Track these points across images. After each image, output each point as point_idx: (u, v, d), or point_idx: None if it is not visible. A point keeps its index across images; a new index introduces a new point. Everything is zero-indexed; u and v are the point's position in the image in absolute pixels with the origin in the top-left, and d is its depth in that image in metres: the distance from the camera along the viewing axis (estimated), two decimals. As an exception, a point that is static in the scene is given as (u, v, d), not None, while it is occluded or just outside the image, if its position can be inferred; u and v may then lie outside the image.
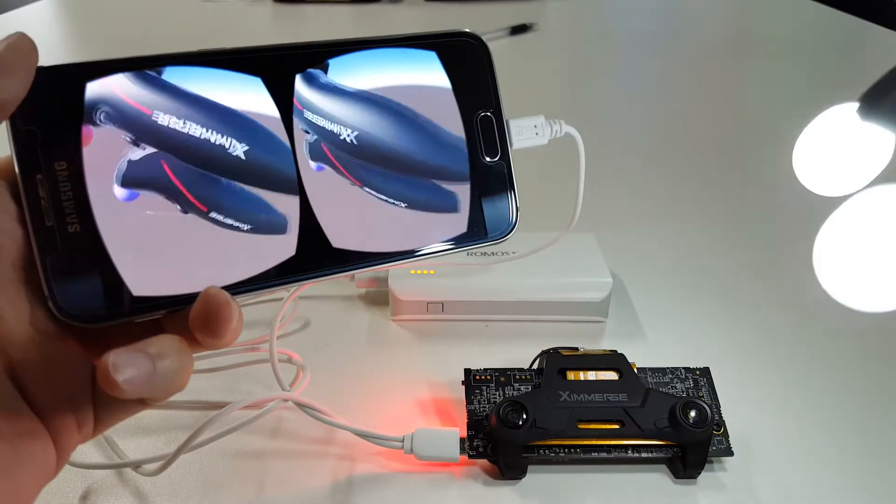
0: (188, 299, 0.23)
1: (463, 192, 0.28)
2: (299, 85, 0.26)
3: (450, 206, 0.28)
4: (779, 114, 0.79)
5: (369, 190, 0.27)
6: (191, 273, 0.24)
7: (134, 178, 0.24)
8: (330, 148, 0.27)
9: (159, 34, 1.06)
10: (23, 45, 0.22)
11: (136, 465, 0.33)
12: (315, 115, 0.26)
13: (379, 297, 0.45)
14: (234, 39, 1.02)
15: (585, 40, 1.06)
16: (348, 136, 0.27)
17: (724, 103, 0.80)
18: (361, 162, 0.27)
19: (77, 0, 1.24)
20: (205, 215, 0.25)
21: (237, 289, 0.25)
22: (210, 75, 0.25)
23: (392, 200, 0.27)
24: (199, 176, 0.25)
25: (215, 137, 0.25)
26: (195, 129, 0.25)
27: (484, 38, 0.29)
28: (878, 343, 0.42)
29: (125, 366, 0.20)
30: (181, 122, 0.25)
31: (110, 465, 0.34)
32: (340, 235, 0.26)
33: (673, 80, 0.89)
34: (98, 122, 0.24)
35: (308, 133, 0.26)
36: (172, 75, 0.25)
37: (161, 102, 0.24)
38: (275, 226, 0.25)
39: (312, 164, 0.26)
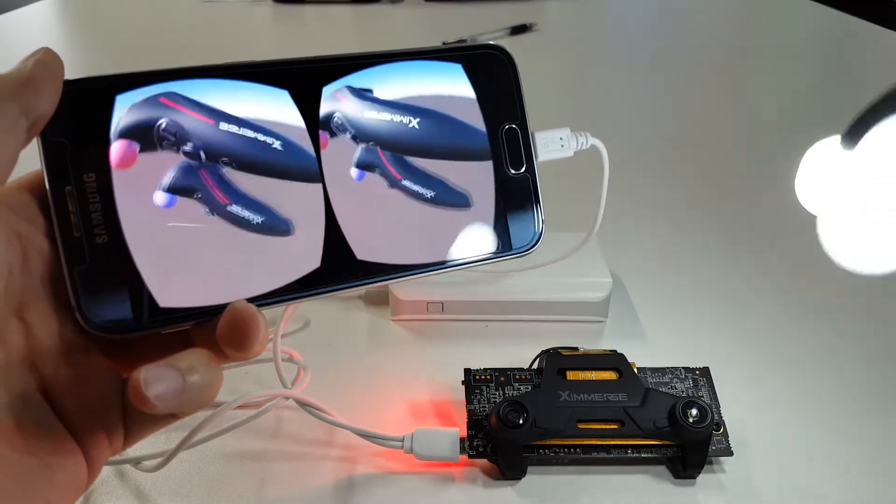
0: (215, 311, 0.23)
1: (487, 204, 0.28)
2: (325, 97, 0.26)
3: (474, 218, 0.28)
4: (779, 113, 0.79)
5: (394, 203, 0.27)
6: (217, 285, 0.24)
7: (162, 189, 0.24)
8: (355, 162, 0.27)
9: (159, 34, 1.06)
10: (49, 59, 0.22)
11: (136, 462, 0.33)
12: (340, 128, 0.27)
13: (379, 297, 0.45)
14: (234, 40, 1.03)
15: (585, 40, 1.06)
16: (374, 148, 0.27)
17: (724, 103, 0.80)
18: (386, 174, 0.27)
19: (77, 0, 1.24)
20: (231, 227, 0.25)
21: (263, 300, 0.25)
22: (237, 87, 0.25)
23: (417, 213, 0.27)
24: (226, 188, 0.25)
25: (244, 149, 0.25)
26: (224, 141, 0.25)
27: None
28: (878, 343, 0.42)
29: (156, 381, 0.20)
30: (210, 133, 0.25)
31: (110, 462, 0.34)
32: (365, 248, 0.26)
33: (673, 80, 0.89)
34: (126, 133, 0.24)
35: (333, 146, 0.26)
36: (199, 87, 0.25)
37: (188, 113, 0.24)
38: (301, 239, 0.26)
39: (338, 178, 0.26)
